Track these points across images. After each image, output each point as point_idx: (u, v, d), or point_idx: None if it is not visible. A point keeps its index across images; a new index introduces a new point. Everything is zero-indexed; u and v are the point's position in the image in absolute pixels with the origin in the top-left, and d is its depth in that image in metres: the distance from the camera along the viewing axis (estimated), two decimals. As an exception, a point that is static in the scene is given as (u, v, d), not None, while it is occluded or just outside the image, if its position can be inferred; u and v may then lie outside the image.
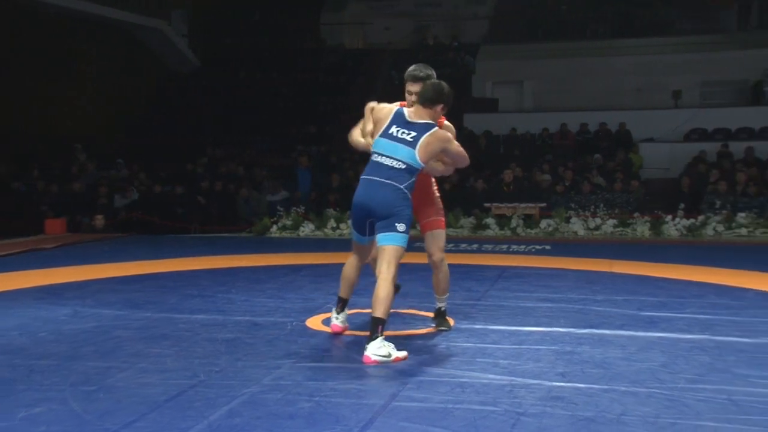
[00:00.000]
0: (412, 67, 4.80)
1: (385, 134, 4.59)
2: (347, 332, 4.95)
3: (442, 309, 5.14)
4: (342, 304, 4.95)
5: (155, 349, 4.53)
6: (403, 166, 4.49)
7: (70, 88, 17.74)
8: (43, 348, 4.60)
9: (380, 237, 4.49)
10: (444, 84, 4.64)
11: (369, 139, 4.76)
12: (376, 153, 4.60)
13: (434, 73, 4.79)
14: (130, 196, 13.58)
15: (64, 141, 16.75)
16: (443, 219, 5.05)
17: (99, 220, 12.24)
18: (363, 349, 4.28)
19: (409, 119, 4.57)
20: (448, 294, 5.13)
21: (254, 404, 3.50)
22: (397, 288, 4.72)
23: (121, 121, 19.27)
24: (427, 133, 4.51)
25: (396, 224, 4.44)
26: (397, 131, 4.56)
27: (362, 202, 4.56)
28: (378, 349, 4.25)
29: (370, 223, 4.57)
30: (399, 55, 21.34)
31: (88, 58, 18.26)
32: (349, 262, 4.88)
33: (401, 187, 4.47)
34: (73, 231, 12.01)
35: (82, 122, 18.08)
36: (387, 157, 4.53)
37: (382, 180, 4.49)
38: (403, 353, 4.33)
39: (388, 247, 4.45)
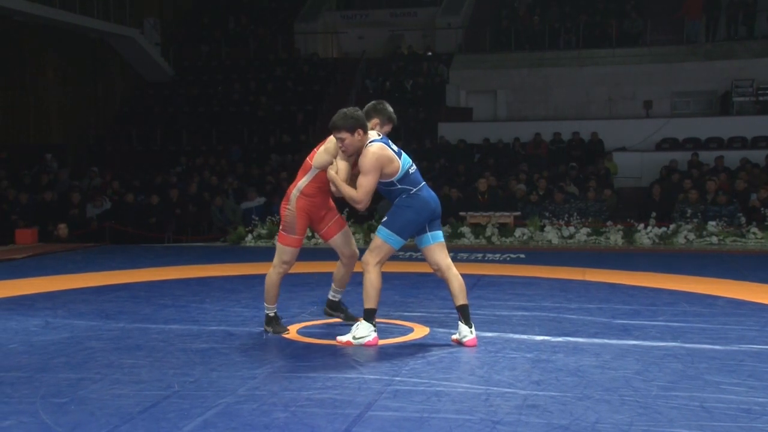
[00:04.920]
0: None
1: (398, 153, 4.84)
2: (324, 341, 4.94)
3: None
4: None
5: (128, 360, 4.49)
6: None
7: (39, 96, 17.54)
8: (13, 360, 4.54)
9: (441, 233, 4.94)
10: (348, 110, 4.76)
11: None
12: (411, 166, 4.84)
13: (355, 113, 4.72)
14: (103, 206, 13.42)
15: (34, 150, 16.55)
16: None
17: (62, 229, 11.88)
18: (344, 356, 4.26)
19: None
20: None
21: (229, 415, 3.48)
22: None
23: (92, 129, 19.09)
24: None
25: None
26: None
27: (437, 204, 4.88)
28: None
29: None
30: (373, 64, 21.42)
31: (58, 66, 18.08)
32: (379, 274, 4.82)
33: None
34: (44, 241, 11.84)
35: (52, 131, 17.89)
36: (414, 165, 4.91)
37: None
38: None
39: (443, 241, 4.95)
